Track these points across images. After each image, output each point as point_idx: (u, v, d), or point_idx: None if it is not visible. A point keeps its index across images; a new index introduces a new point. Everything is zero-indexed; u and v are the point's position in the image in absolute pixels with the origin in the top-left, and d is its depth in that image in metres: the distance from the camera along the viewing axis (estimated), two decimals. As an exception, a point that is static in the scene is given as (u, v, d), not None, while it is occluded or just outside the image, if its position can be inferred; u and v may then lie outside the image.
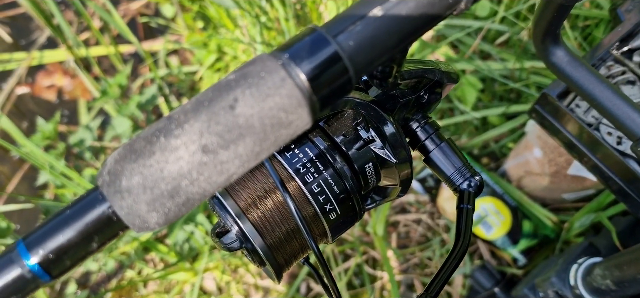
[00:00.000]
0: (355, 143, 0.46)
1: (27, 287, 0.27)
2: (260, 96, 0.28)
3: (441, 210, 1.26)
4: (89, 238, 0.27)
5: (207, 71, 1.39)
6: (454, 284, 1.21)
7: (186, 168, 0.27)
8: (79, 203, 0.27)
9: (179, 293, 1.23)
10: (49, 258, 0.26)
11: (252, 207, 0.44)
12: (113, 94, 1.15)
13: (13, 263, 0.26)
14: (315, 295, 1.22)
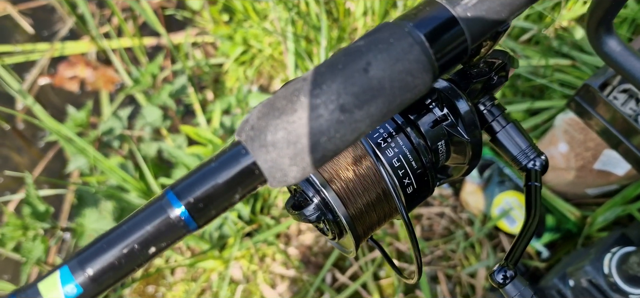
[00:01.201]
0: (429, 120, 0.48)
1: (176, 234, 0.28)
2: (390, 60, 0.29)
3: (464, 204, 1.28)
4: (232, 189, 0.29)
5: (233, 64, 1.41)
6: (477, 277, 1.23)
7: (325, 126, 0.28)
8: (222, 157, 0.29)
9: (206, 282, 1.24)
10: (198, 206, 0.28)
11: (335, 179, 0.45)
12: (145, 83, 1.16)
13: (163, 210, 0.28)
14: (339, 286, 1.24)
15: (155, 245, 0.28)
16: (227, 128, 1.20)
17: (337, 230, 0.47)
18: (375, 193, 0.46)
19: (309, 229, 1.29)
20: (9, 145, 1.63)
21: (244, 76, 1.40)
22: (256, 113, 0.29)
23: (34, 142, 1.62)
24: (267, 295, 1.24)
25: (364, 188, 0.46)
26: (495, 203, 1.23)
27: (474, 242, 1.24)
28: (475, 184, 1.26)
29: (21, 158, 1.62)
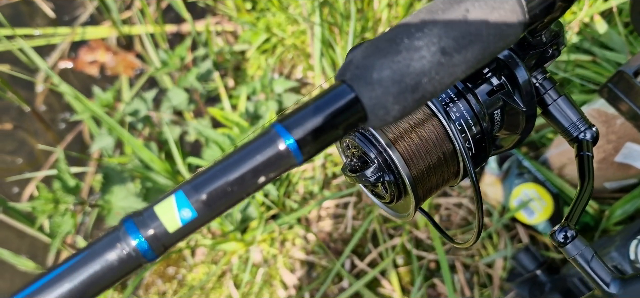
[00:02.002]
0: (487, 88, 0.49)
1: (284, 165, 0.30)
2: (487, 8, 0.31)
3: (482, 195, 1.29)
4: (336, 125, 0.30)
5: (255, 52, 1.42)
6: (495, 267, 1.25)
7: (427, 67, 0.30)
8: (326, 95, 0.30)
9: (227, 264, 1.26)
10: (305, 139, 0.29)
11: (399, 140, 0.47)
12: (173, 65, 1.18)
13: (273, 141, 0.29)
14: (358, 272, 1.25)
15: (265, 174, 0.29)
16: (250, 113, 1.21)
17: (396, 192, 0.48)
18: (437, 156, 0.47)
19: (329, 215, 1.30)
20: (27, 127, 1.64)
21: (265, 64, 1.42)
22: (360, 54, 0.31)
23: (52, 125, 1.63)
24: (286, 280, 1.25)
25: (427, 150, 0.47)
26: (514, 195, 1.24)
27: (492, 232, 1.26)
28: (494, 176, 1.27)
29: (38, 141, 1.63)
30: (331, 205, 1.30)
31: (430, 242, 1.27)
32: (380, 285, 1.24)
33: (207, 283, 1.24)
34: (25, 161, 1.58)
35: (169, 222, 0.28)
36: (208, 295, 1.25)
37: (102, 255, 0.28)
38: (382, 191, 0.50)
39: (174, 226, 0.28)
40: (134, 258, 0.28)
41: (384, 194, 0.50)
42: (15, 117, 1.65)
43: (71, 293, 0.27)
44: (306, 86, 1.38)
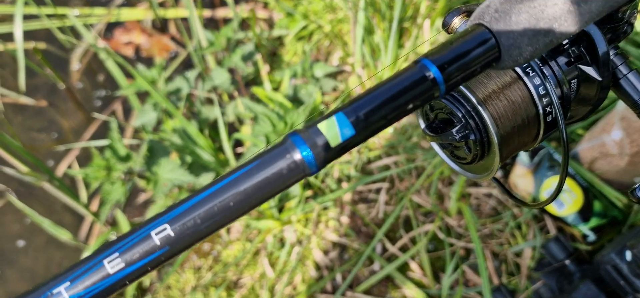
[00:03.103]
0: (567, 57, 0.52)
1: (428, 93, 0.33)
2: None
3: (513, 186, 1.33)
4: (474, 63, 0.33)
5: (292, 39, 1.45)
6: (523, 256, 1.28)
7: (558, 13, 0.33)
8: (467, 35, 0.33)
9: (261, 242, 1.29)
10: (448, 72, 0.33)
11: (488, 100, 0.50)
12: (219, 45, 1.21)
13: (421, 72, 0.32)
14: (389, 256, 1.28)
15: (412, 102, 0.32)
16: (289, 96, 1.25)
17: (479, 151, 0.52)
18: (521, 118, 0.51)
19: (362, 200, 1.33)
20: (60, 106, 1.67)
21: (302, 51, 1.45)
22: (498, 0, 0.34)
23: (86, 103, 1.67)
24: (319, 260, 1.29)
25: (513, 112, 0.50)
26: (545, 187, 1.27)
27: (522, 222, 1.29)
28: (525, 168, 1.30)
29: (67, 121, 1.66)
30: (364, 190, 1.33)
31: (461, 230, 1.30)
32: (411, 269, 1.27)
33: (242, 260, 1.28)
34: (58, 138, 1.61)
35: (331, 137, 0.31)
36: (242, 271, 1.28)
37: (270, 165, 0.31)
38: (465, 151, 0.53)
39: (335, 141, 0.31)
40: (300, 169, 0.31)
41: (465, 154, 0.53)
42: (46, 95, 1.68)
43: (243, 198, 0.30)
44: (342, 74, 1.41)
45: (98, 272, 0.29)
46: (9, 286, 1.51)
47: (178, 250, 0.29)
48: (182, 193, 1.18)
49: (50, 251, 1.50)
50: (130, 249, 0.29)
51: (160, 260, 0.29)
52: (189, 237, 0.29)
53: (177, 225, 0.29)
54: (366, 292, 1.26)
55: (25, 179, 1.50)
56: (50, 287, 0.28)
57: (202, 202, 0.30)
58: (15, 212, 1.53)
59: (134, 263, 0.29)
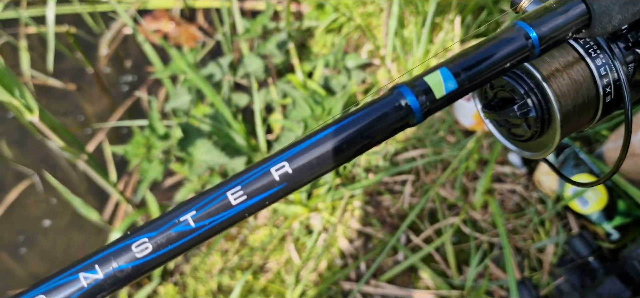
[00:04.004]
0: (626, 42, 0.54)
1: (523, 54, 0.35)
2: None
3: (537, 183, 1.34)
4: (567, 29, 0.35)
5: (321, 31, 1.47)
6: (546, 252, 1.29)
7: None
8: (563, 5, 0.35)
9: (288, 229, 1.31)
10: (543, 35, 0.34)
11: (551, 77, 0.52)
12: (254, 32, 1.23)
13: (517, 34, 0.34)
14: (413, 247, 1.30)
15: (510, 61, 0.34)
16: (320, 85, 1.26)
17: (539, 129, 0.53)
18: (582, 98, 0.52)
19: (387, 190, 1.35)
20: (87, 90, 1.70)
21: (331, 43, 1.47)
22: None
23: (111, 89, 1.69)
24: (344, 248, 1.30)
25: (575, 91, 0.52)
26: (569, 185, 1.29)
27: (546, 219, 1.30)
28: (550, 165, 1.32)
29: (93, 105, 1.69)
30: (390, 181, 1.35)
31: (484, 224, 1.31)
32: (435, 260, 1.28)
33: (268, 244, 1.29)
34: (84, 121, 1.64)
35: (436, 89, 0.33)
36: (268, 256, 1.30)
37: (379, 111, 0.33)
38: (524, 128, 0.55)
39: (440, 93, 0.33)
40: (405, 117, 0.33)
41: (523, 132, 0.55)
42: (73, 79, 1.70)
43: (353, 141, 0.32)
44: (371, 66, 1.43)
45: (222, 202, 0.30)
46: (29, 267, 1.53)
47: (294, 187, 0.31)
48: (214, 176, 1.20)
49: (71, 233, 1.52)
50: (252, 183, 0.31)
51: (278, 196, 0.31)
52: (305, 175, 0.31)
53: (295, 163, 0.31)
54: (390, 282, 1.28)
55: (57, 160, 1.52)
56: (178, 215, 0.30)
57: (318, 143, 0.31)
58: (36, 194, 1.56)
59: (255, 197, 0.31)
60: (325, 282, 1.27)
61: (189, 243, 0.30)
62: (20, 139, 1.67)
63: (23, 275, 1.52)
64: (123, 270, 0.29)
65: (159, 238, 0.30)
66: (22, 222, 1.55)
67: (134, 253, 0.29)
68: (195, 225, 0.30)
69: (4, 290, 1.52)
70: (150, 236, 0.30)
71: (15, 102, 0.98)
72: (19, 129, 1.67)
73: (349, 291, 1.27)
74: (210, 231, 0.30)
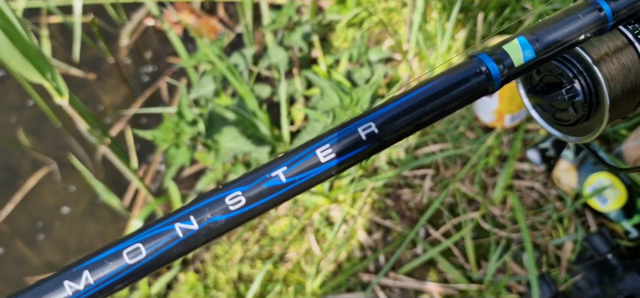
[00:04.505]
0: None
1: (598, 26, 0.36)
2: None
3: (556, 181, 1.35)
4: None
5: (343, 25, 1.48)
6: (564, 249, 1.30)
7: None
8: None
9: (308, 220, 1.32)
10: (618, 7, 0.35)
11: (601, 61, 0.53)
12: (280, 23, 1.24)
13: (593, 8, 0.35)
14: (432, 241, 1.31)
15: (584, 33, 0.36)
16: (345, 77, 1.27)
17: (586, 113, 0.54)
18: (630, 83, 0.53)
19: (407, 184, 1.36)
20: (107, 80, 1.71)
21: (351, 37, 1.48)
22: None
23: (131, 79, 1.70)
24: (363, 240, 1.31)
25: (624, 75, 0.53)
26: (589, 182, 1.30)
27: (564, 216, 1.31)
28: (569, 163, 1.33)
29: (111, 96, 1.70)
30: (410, 175, 1.36)
31: (503, 220, 1.32)
32: (453, 255, 1.29)
33: (288, 235, 1.30)
34: (103, 111, 1.65)
35: (515, 57, 0.34)
36: (288, 246, 1.31)
37: (460, 77, 0.33)
38: (570, 112, 0.56)
39: (518, 62, 0.34)
40: (484, 83, 0.34)
41: (569, 116, 0.56)
42: (92, 68, 1.72)
43: (436, 105, 0.33)
44: (392, 61, 1.44)
45: (311, 159, 0.31)
46: (46, 253, 1.54)
47: (380, 146, 0.32)
48: (237, 165, 1.21)
49: (89, 221, 1.53)
50: (340, 142, 0.32)
51: (365, 155, 0.32)
52: (391, 135, 0.32)
53: (381, 124, 0.32)
54: (408, 274, 1.29)
55: (74, 149, 1.54)
56: (270, 170, 0.31)
57: (403, 105, 0.32)
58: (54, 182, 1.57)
59: (342, 155, 0.31)
60: (344, 274, 1.28)
61: (279, 198, 0.31)
62: (37, 128, 1.68)
63: (40, 262, 1.53)
64: (216, 222, 0.30)
65: (252, 192, 0.31)
66: (40, 209, 1.56)
67: (228, 206, 0.30)
68: (286, 180, 0.31)
69: (21, 277, 1.53)
70: (243, 189, 0.31)
71: (46, 85, 0.99)
72: (35, 117, 1.68)
73: (367, 283, 1.28)
74: (300, 187, 0.31)
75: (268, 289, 1.26)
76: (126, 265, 0.29)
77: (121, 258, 0.29)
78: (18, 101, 1.72)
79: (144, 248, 0.29)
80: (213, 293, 1.25)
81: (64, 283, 0.29)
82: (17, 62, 0.90)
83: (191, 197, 1.43)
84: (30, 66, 0.92)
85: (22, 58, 0.89)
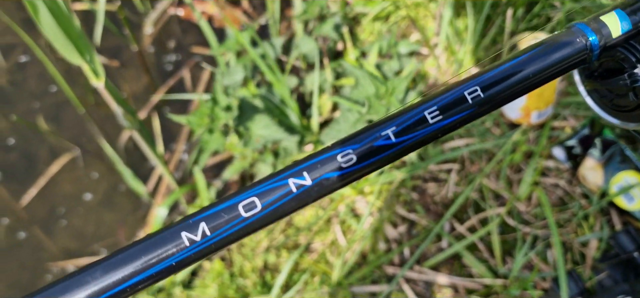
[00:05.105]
0: None
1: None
2: None
3: (581, 178, 1.35)
4: None
5: (369, 19, 1.49)
6: (589, 246, 1.30)
7: None
8: None
9: (334, 210, 1.32)
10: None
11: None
12: (312, 13, 1.25)
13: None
14: (457, 235, 1.31)
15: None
16: (371, 71, 1.28)
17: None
18: None
19: (432, 178, 1.36)
20: (129, 69, 1.71)
21: (377, 31, 1.48)
22: None
23: (154, 68, 1.71)
24: (388, 233, 1.32)
25: None
26: (615, 181, 1.30)
27: (590, 214, 1.31)
28: (596, 161, 1.33)
29: (134, 83, 1.70)
30: (435, 169, 1.36)
31: (528, 216, 1.32)
32: (478, 249, 1.29)
33: (314, 225, 1.31)
34: (125, 99, 1.65)
35: (613, 28, 0.34)
36: (314, 237, 1.31)
37: (561, 46, 0.34)
38: (630, 98, 0.56)
39: (616, 33, 0.34)
40: (583, 52, 0.34)
41: (629, 102, 0.56)
42: (114, 56, 1.72)
43: (537, 70, 0.33)
44: (418, 55, 1.44)
45: (420, 120, 0.32)
46: (69, 239, 1.54)
47: (483, 111, 0.32)
48: (266, 154, 1.22)
49: (111, 207, 1.54)
50: (447, 103, 0.32)
51: (470, 118, 0.32)
52: (495, 100, 0.33)
53: (487, 88, 0.32)
54: (433, 268, 1.29)
55: (94, 137, 1.54)
56: (380, 129, 0.31)
57: (507, 70, 0.33)
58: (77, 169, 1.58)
59: (449, 117, 0.32)
60: (369, 265, 1.28)
61: (389, 157, 0.31)
62: (59, 115, 1.69)
63: (61, 247, 1.54)
64: (329, 179, 0.31)
65: (362, 150, 0.31)
66: (63, 195, 1.57)
67: (340, 163, 0.31)
68: (396, 140, 0.31)
69: (43, 261, 1.53)
70: (354, 148, 0.31)
71: (85, 66, 0.99)
72: (57, 104, 1.69)
73: (392, 275, 1.28)
74: (409, 147, 0.32)
75: (294, 279, 1.27)
76: (242, 218, 0.30)
77: (237, 211, 0.30)
78: (40, 87, 1.72)
79: (259, 202, 0.30)
80: (239, 281, 1.26)
81: (182, 234, 0.29)
82: (60, 41, 0.90)
83: (216, 186, 1.43)
84: (71, 46, 0.93)
85: (64, 38, 0.90)
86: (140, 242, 0.29)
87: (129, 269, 0.29)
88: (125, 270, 0.29)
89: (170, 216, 1.43)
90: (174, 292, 1.31)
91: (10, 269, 1.52)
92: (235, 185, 1.50)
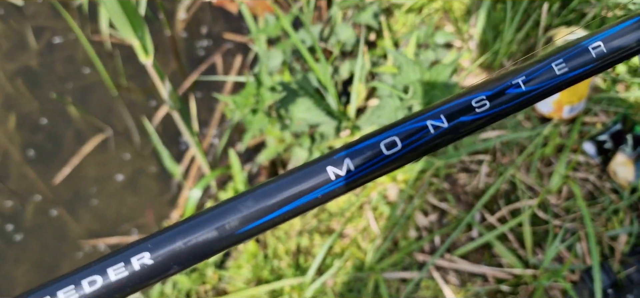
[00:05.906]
0: None
1: None
2: None
3: (611, 174, 1.37)
4: None
5: (402, 11, 1.50)
6: (618, 240, 1.32)
7: None
8: None
9: (366, 197, 1.34)
10: None
11: None
12: (352, 1, 1.26)
13: None
14: (487, 225, 1.32)
15: None
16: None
17: None
18: None
19: (463, 168, 1.38)
20: (162, 52, 1.73)
21: (410, 22, 1.50)
22: None
23: (187, 53, 1.73)
24: (419, 221, 1.33)
25: None
26: (645, 176, 1.31)
27: (620, 208, 1.33)
28: (627, 156, 1.34)
29: (167, 67, 1.72)
30: (466, 160, 1.38)
31: (557, 209, 1.34)
32: (508, 240, 1.31)
33: (347, 211, 1.32)
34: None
35: None
36: (346, 222, 1.33)
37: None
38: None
39: None
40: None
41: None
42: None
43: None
44: (451, 47, 1.46)
45: (548, 71, 0.33)
46: (101, 218, 1.56)
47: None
48: (303, 138, 1.23)
49: (143, 188, 1.55)
50: (572, 57, 0.34)
51: (593, 72, 0.34)
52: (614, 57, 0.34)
53: (607, 41, 0.34)
54: (463, 257, 1.30)
55: (125, 120, 1.56)
56: (511, 78, 0.33)
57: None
58: (107, 150, 1.59)
59: (575, 70, 0.33)
60: (400, 252, 1.30)
61: (519, 104, 0.33)
62: (88, 97, 1.71)
63: (91, 226, 1.56)
64: (464, 122, 0.32)
65: (496, 97, 0.33)
66: (94, 175, 1.59)
67: (474, 108, 0.32)
68: (526, 88, 0.33)
69: (75, 240, 1.55)
70: (487, 94, 0.33)
71: (136, 43, 1.01)
72: (83, 88, 1.71)
73: (423, 263, 1.30)
74: (538, 95, 0.33)
75: (326, 263, 1.28)
76: (383, 155, 0.31)
77: (378, 148, 0.31)
78: (71, 70, 1.74)
79: (399, 141, 0.32)
80: (274, 263, 1.28)
81: (327, 168, 0.31)
82: (118, 16, 0.92)
83: (248, 170, 1.45)
84: (127, 22, 0.94)
85: (121, 13, 0.92)
86: (288, 175, 0.31)
87: (278, 198, 0.30)
88: (275, 200, 0.30)
89: (202, 199, 1.45)
90: (207, 272, 1.33)
91: (42, 244, 1.54)
92: (265, 171, 1.52)
